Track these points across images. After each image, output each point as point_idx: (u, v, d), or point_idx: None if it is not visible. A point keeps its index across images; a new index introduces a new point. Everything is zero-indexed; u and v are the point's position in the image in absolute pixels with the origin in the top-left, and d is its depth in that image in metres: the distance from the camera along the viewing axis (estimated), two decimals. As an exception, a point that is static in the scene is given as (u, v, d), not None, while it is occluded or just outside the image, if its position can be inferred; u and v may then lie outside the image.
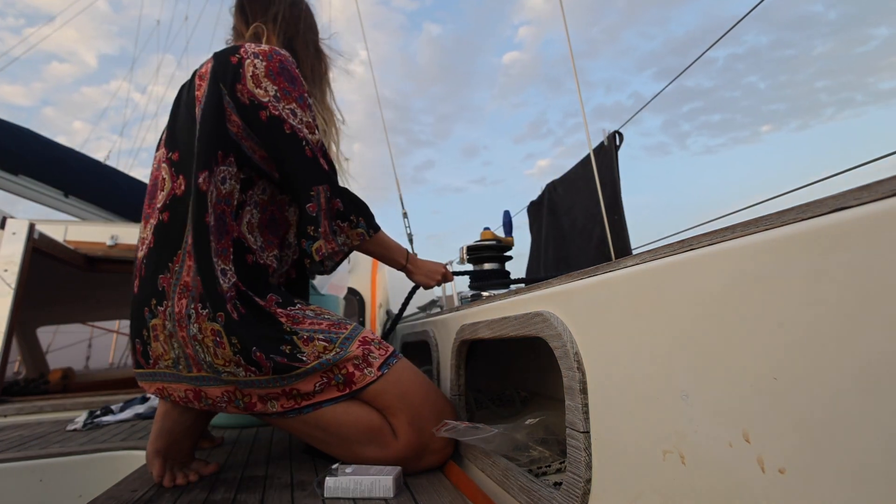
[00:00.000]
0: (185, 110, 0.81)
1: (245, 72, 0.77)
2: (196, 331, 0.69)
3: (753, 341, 0.28)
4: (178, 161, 0.78)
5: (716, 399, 0.30)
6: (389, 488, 0.64)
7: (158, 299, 0.73)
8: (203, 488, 0.71)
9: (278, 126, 0.77)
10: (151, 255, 0.75)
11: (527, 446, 0.61)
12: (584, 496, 0.43)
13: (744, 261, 0.29)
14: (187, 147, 0.77)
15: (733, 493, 0.29)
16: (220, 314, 0.69)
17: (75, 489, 1.03)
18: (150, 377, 0.76)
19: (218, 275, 0.71)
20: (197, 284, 0.70)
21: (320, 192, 0.78)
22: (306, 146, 0.78)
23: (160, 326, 0.73)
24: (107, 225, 2.37)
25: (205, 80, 0.79)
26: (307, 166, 0.78)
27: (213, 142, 0.75)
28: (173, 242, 0.74)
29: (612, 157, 2.26)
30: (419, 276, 0.98)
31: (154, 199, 0.79)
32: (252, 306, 0.73)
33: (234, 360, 0.69)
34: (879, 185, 0.23)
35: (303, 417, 0.74)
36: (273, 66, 0.78)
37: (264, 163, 0.80)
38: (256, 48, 0.80)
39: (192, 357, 0.71)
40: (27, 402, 1.61)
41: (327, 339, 0.74)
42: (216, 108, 0.76)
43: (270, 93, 0.77)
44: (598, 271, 0.44)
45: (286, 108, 0.78)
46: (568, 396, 0.46)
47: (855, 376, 0.23)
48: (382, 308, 2.06)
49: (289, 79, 0.79)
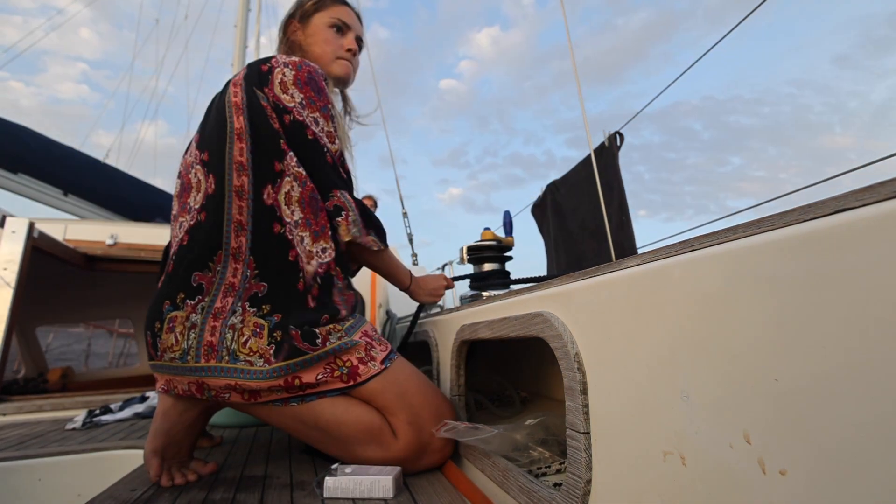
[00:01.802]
0: (215, 113, 0.84)
1: (274, 78, 0.81)
2: (238, 321, 0.72)
3: (755, 342, 0.28)
4: (209, 161, 0.80)
5: (716, 400, 0.30)
6: (389, 488, 0.64)
7: (190, 294, 0.74)
8: (202, 488, 0.71)
9: (301, 131, 0.80)
10: (184, 253, 0.77)
11: (527, 447, 0.61)
12: (584, 497, 0.43)
13: (745, 262, 0.29)
14: (217, 147, 0.80)
15: (734, 495, 0.29)
16: (277, 315, 0.72)
17: (74, 488, 1.03)
18: (158, 368, 0.76)
19: (303, 267, 0.76)
20: (248, 286, 0.74)
21: (344, 194, 0.83)
22: (327, 153, 0.82)
23: (181, 318, 0.73)
24: (106, 224, 2.37)
25: (239, 86, 0.82)
26: (329, 170, 0.82)
27: (269, 149, 0.79)
28: (213, 241, 0.76)
29: (614, 159, 2.26)
30: (424, 296, 1.02)
31: (186, 201, 0.82)
32: (327, 290, 0.77)
33: (264, 350, 0.70)
34: (882, 187, 0.23)
35: (302, 417, 0.74)
36: (301, 76, 0.83)
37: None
38: (287, 59, 0.84)
39: (211, 344, 0.71)
40: (26, 401, 1.61)
41: (336, 320, 0.77)
42: (263, 116, 0.79)
43: (296, 99, 0.81)
44: (598, 272, 0.44)
45: (310, 115, 0.82)
46: (568, 397, 0.46)
47: (856, 377, 0.23)
48: (382, 308, 2.06)
49: (315, 89, 0.83)
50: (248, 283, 0.74)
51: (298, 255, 0.76)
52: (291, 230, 0.77)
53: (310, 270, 0.77)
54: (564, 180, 2.76)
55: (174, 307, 0.74)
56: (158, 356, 0.74)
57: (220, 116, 0.82)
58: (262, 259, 0.75)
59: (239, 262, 0.75)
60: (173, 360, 0.73)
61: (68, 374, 2.68)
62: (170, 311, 0.74)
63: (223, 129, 0.80)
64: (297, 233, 0.77)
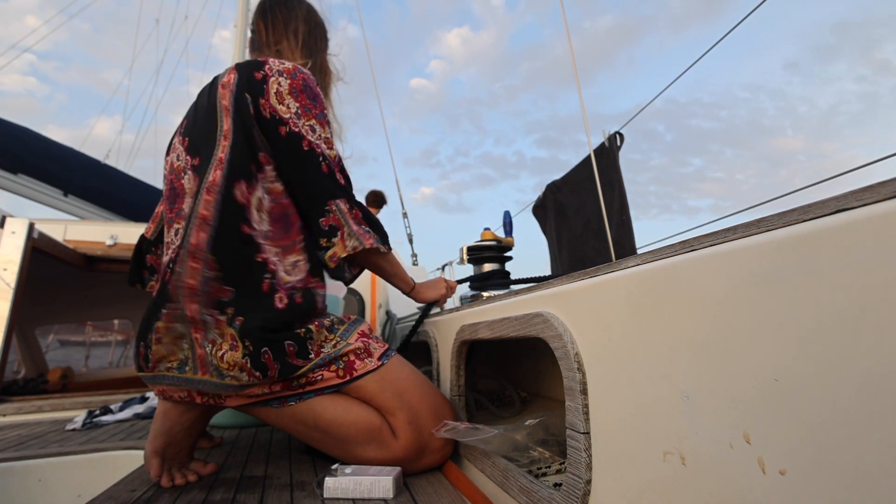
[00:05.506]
0: (204, 115, 0.82)
1: (269, 88, 0.80)
2: (217, 336, 0.70)
3: (755, 342, 0.28)
4: (198, 165, 0.79)
5: (717, 400, 0.30)
6: (389, 489, 0.64)
7: (166, 301, 0.73)
8: (202, 488, 0.71)
9: (297, 142, 0.79)
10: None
11: (527, 447, 0.61)
12: (584, 497, 0.43)
13: (746, 262, 0.29)
14: (206, 151, 0.79)
15: (734, 495, 0.29)
16: (239, 319, 0.70)
17: (74, 489, 1.03)
18: (150, 380, 0.76)
19: (271, 271, 0.74)
20: (210, 290, 0.71)
21: (339, 205, 0.81)
22: (323, 161, 0.81)
23: (162, 328, 0.73)
24: (106, 224, 2.37)
25: (228, 89, 0.80)
26: (323, 182, 0.80)
27: (248, 151, 0.77)
28: (181, 242, 0.74)
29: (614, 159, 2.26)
30: (430, 294, 1.00)
31: (181, 207, 0.80)
32: (308, 297, 0.76)
33: (240, 363, 0.69)
34: (882, 187, 0.23)
35: (302, 417, 0.74)
36: (296, 84, 0.81)
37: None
38: (281, 66, 0.83)
39: (202, 357, 0.71)
40: (26, 402, 1.61)
41: (329, 328, 0.76)
42: (245, 119, 0.78)
43: (292, 110, 0.80)
44: (598, 272, 0.44)
45: (306, 124, 0.80)
46: (568, 397, 0.46)
47: (856, 378, 0.23)
48: (382, 308, 2.06)
49: (310, 96, 0.83)
50: (209, 285, 0.71)
51: (268, 260, 0.74)
52: (259, 238, 0.75)
53: (285, 279, 0.75)
54: (565, 180, 2.75)
55: (157, 318, 0.73)
56: (150, 367, 0.74)
57: (209, 119, 0.80)
58: (224, 258, 0.72)
59: (198, 261, 0.71)
60: (170, 369, 0.73)
61: (68, 375, 2.68)
62: (155, 321, 0.73)
63: (213, 132, 0.79)
64: (265, 244, 0.75)
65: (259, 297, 0.72)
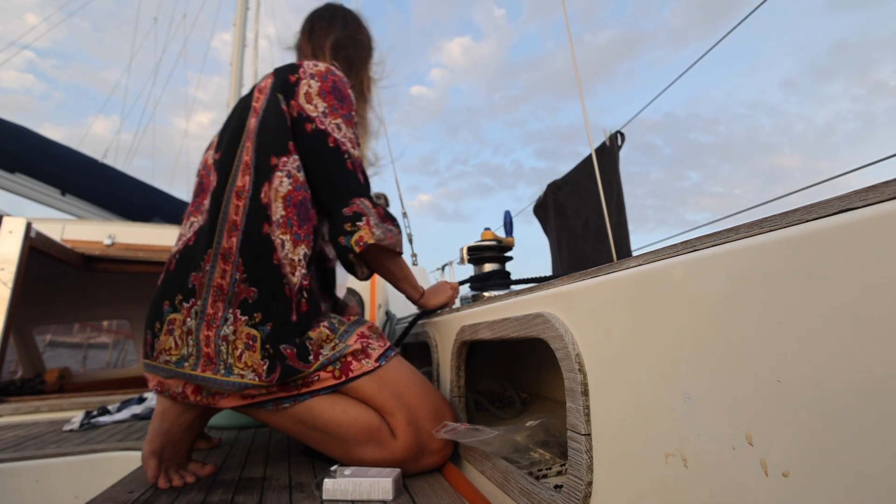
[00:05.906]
0: (236, 117, 0.86)
1: (300, 90, 0.84)
2: (230, 332, 0.71)
3: (756, 343, 0.28)
4: (219, 160, 0.82)
5: (718, 401, 0.30)
6: (388, 490, 0.64)
7: (186, 296, 0.74)
8: (200, 490, 0.71)
9: (322, 139, 0.82)
10: (187, 253, 0.77)
11: (527, 448, 0.61)
12: (585, 499, 0.43)
13: (747, 262, 0.29)
14: (229, 148, 0.82)
15: (736, 496, 0.29)
16: (269, 324, 0.71)
17: (72, 490, 1.02)
18: (151, 369, 0.76)
19: (286, 274, 0.74)
20: (238, 290, 0.72)
21: (363, 201, 0.83)
22: (348, 159, 0.83)
23: (179, 321, 0.73)
24: (104, 224, 2.36)
25: (264, 93, 0.85)
26: (348, 178, 0.83)
27: (270, 148, 0.80)
28: (207, 241, 0.76)
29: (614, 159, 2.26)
30: (438, 300, 0.99)
31: (202, 202, 0.83)
32: (314, 301, 0.77)
33: (258, 364, 0.69)
34: (885, 186, 0.23)
35: (301, 417, 0.73)
36: (326, 86, 0.85)
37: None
38: (314, 68, 0.87)
39: (209, 356, 0.71)
40: (23, 402, 1.60)
41: (330, 328, 0.77)
42: (277, 116, 0.81)
43: (319, 109, 0.83)
44: (599, 272, 0.44)
45: (332, 122, 0.83)
46: (569, 398, 0.46)
47: (859, 379, 0.23)
48: (382, 308, 2.05)
49: (339, 97, 0.86)
50: (236, 286, 0.73)
51: (280, 260, 0.75)
52: (274, 231, 0.76)
53: (294, 281, 0.76)
54: (566, 180, 2.76)
55: (173, 309, 0.74)
56: (154, 356, 0.74)
57: (240, 121, 0.84)
58: (250, 260, 0.74)
59: (228, 263, 0.74)
60: (168, 363, 0.72)
61: (66, 375, 2.67)
62: (169, 313, 0.74)
63: (240, 131, 0.82)
64: (278, 234, 0.76)
65: (285, 303, 0.74)
